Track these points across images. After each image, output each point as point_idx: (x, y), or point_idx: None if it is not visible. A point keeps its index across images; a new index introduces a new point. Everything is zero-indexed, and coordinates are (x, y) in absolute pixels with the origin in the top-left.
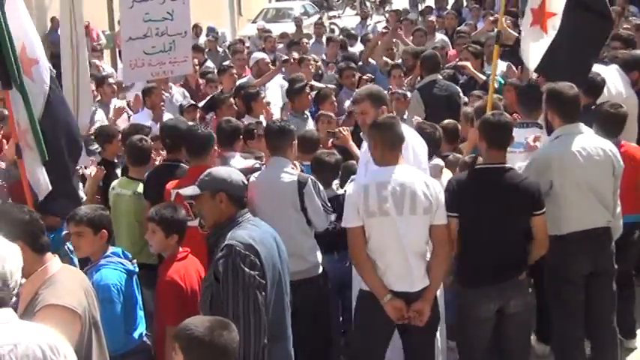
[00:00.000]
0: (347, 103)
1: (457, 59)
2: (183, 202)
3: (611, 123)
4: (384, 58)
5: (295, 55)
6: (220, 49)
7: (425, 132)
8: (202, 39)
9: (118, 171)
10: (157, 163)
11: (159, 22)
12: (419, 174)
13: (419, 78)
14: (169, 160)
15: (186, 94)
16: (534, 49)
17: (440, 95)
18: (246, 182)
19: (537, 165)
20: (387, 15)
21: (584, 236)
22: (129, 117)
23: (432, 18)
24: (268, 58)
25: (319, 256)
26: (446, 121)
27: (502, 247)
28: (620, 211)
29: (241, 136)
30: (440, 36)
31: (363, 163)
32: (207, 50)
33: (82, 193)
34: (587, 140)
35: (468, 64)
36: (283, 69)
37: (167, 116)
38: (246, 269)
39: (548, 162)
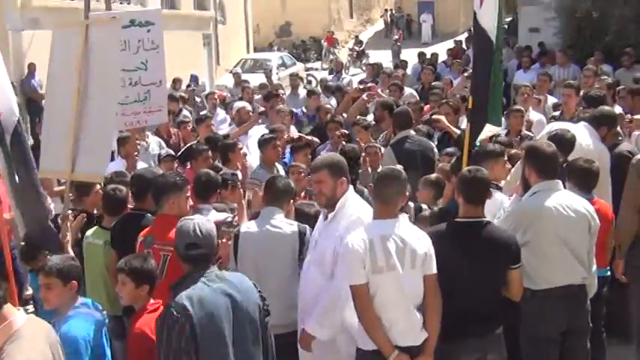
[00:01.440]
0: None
1: (429, 114)
2: (144, 250)
3: (585, 178)
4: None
5: (282, 107)
6: (198, 99)
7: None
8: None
9: None
10: None
11: (132, 71)
12: (412, 226)
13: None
14: (136, 210)
15: (162, 143)
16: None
17: (413, 150)
18: (215, 240)
19: (514, 219)
20: (363, 68)
21: (561, 293)
22: None
23: (402, 72)
24: (249, 107)
25: None
26: (433, 176)
27: (479, 300)
28: (596, 268)
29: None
30: (408, 90)
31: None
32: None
33: None
34: (564, 197)
35: (442, 117)
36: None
37: (141, 165)
38: (175, 333)
39: (525, 217)
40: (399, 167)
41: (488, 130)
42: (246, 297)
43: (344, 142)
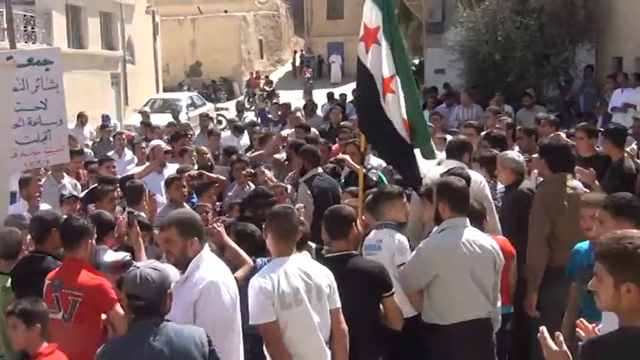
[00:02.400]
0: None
1: (338, 153)
2: (51, 294)
3: (474, 217)
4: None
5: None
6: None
7: None
8: (87, 128)
9: None
10: None
11: (32, 111)
12: (314, 263)
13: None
14: (35, 252)
15: (78, 185)
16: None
17: (325, 187)
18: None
19: (424, 255)
20: (273, 107)
21: (468, 327)
22: None
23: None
24: (165, 145)
25: None
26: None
27: (356, 332)
28: (500, 305)
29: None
30: (314, 131)
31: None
32: (98, 140)
33: None
34: (472, 234)
35: (347, 157)
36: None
37: (46, 207)
38: None
39: (434, 253)
40: (300, 205)
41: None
42: (178, 353)
43: (250, 182)
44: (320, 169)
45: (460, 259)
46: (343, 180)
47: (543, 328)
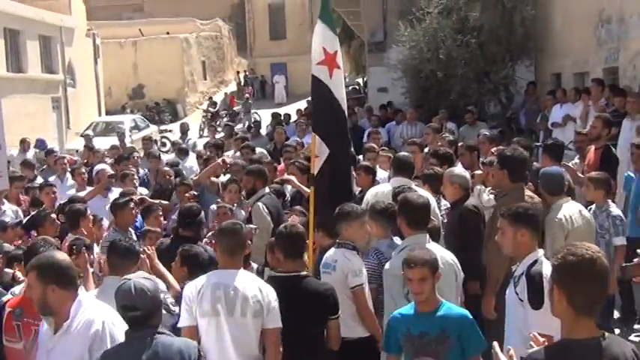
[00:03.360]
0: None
1: (284, 173)
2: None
3: (432, 234)
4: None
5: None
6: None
7: None
8: (31, 153)
9: None
10: None
11: None
12: (254, 279)
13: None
14: None
15: (20, 212)
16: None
17: (275, 206)
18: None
19: (389, 275)
20: (219, 129)
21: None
22: None
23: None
24: (109, 169)
25: None
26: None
27: (301, 350)
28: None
29: None
30: (259, 150)
31: None
32: (44, 166)
33: None
34: (433, 250)
35: (292, 178)
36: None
37: None
38: None
39: (399, 270)
40: (252, 226)
41: None
42: None
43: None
44: (267, 189)
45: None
46: (289, 199)
47: (495, 344)
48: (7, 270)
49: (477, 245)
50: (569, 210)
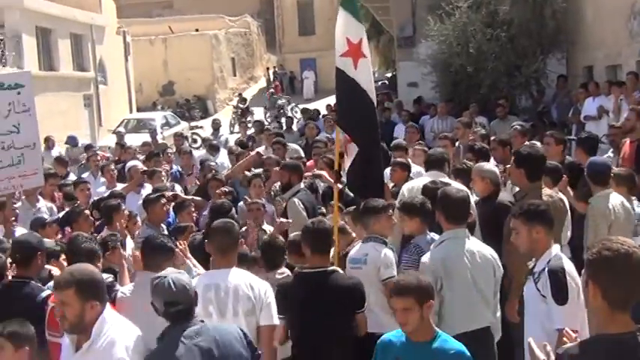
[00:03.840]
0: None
1: (314, 169)
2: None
3: (469, 228)
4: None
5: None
6: (83, 160)
7: None
8: (56, 150)
9: None
10: None
11: (4, 135)
12: (245, 276)
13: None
14: (18, 277)
15: (54, 209)
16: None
17: (310, 201)
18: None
19: (429, 269)
20: (249, 125)
21: (472, 338)
22: None
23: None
24: (142, 165)
25: None
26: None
27: (330, 347)
28: (500, 315)
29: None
30: (292, 146)
31: None
32: (82, 162)
33: None
34: (472, 244)
35: (323, 173)
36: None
37: (22, 231)
38: None
39: (438, 265)
40: (284, 220)
41: None
42: (225, 351)
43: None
44: (302, 185)
45: (463, 269)
46: (321, 195)
47: (530, 339)
48: (46, 266)
49: None
50: (614, 201)
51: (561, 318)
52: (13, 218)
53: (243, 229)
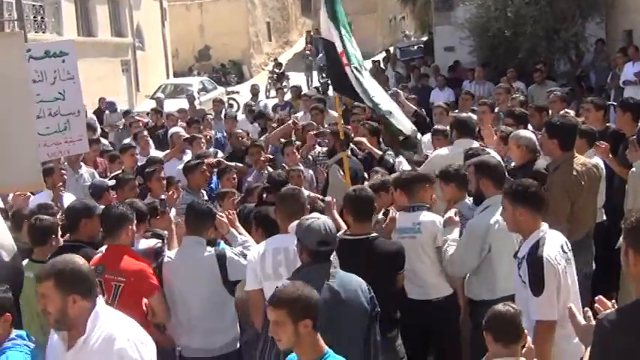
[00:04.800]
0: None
1: (353, 134)
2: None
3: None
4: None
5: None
6: (121, 126)
7: None
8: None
9: None
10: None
11: (51, 102)
12: None
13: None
14: (70, 242)
15: (96, 174)
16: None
17: (354, 168)
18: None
19: (477, 234)
20: (285, 90)
21: (512, 300)
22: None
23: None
24: (184, 132)
25: (238, 330)
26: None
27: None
28: None
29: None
30: (331, 112)
31: None
32: (121, 128)
33: None
34: None
35: (364, 140)
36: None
37: (69, 196)
38: None
39: (486, 229)
40: (328, 199)
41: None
42: (349, 297)
43: (269, 168)
44: (349, 152)
45: (507, 234)
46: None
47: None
48: None
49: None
50: None
51: (536, 309)
52: (61, 184)
53: None
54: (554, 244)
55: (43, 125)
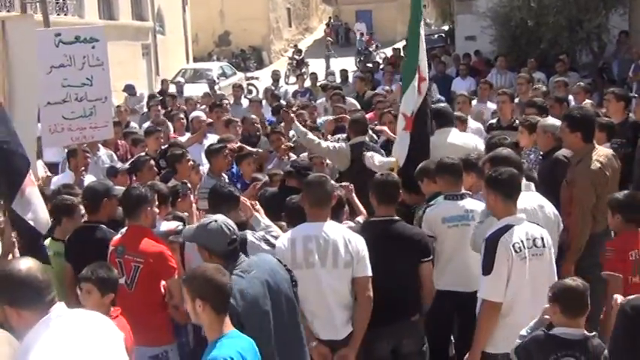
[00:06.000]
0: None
1: (375, 121)
2: (115, 259)
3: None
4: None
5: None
6: (141, 110)
7: None
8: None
9: None
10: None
11: (78, 87)
12: (342, 230)
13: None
14: (89, 222)
15: (114, 156)
16: (403, 148)
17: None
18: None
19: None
20: (305, 76)
21: None
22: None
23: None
24: (205, 116)
25: None
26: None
27: (394, 291)
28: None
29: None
30: (350, 100)
31: None
32: (144, 111)
33: None
34: (538, 198)
35: (385, 128)
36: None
37: (90, 178)
38: None
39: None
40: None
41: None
42: (276, 278)
43: (290, 154)
44: (367, 138)
45: (536, 221)
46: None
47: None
48: None
49: None
50: None
51: (484, 287)
52: (83, 168)
53: None
54: (520, 233)
55: (68, 109)
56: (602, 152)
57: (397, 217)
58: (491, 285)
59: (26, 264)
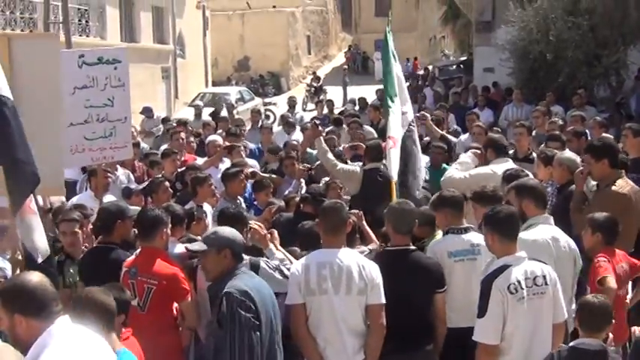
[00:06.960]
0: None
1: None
2: (128, 281)
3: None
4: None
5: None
6: (157, 132)
7: None
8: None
9: None
10: None
11: (99, 108)
12: (356, 256)
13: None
14: (103, 243)
15: (131, 176)
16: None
17: (380, 182)
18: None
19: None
20: (323, 103)
21: None
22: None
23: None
24: (220, 140)
25: None
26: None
27: (409, 320)
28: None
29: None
30: (367, 128)
31: None
32: (159, 134)
33: None
34: (556, 232)
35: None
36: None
37: (109, 198)
38: (242, 312)
39: (526, 248)
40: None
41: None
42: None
43: (308, 175)
44: (382, 165)
45: (549, 255)
46: None
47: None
48: None
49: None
50: None
51: (478, 330)
52: (105, 186)
53: None
54: (518, 273)
55: (89, 130)
56: (630, 181)
57: (413, 247)
58: (485, 327)
59: (37, 276)
